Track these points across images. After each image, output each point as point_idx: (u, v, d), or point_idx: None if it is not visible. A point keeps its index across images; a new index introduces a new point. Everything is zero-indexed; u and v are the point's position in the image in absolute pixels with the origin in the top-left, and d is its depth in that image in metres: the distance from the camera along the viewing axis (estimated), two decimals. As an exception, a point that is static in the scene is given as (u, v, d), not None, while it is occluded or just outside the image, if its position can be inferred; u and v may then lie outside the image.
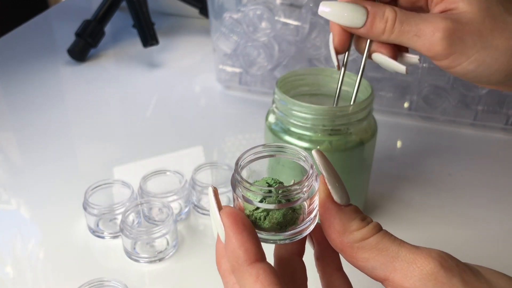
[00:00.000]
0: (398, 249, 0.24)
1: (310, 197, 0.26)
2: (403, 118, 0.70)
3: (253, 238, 0.25)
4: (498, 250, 0.48)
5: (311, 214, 0.27)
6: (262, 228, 0.26)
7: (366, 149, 0.45)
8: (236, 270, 0.24)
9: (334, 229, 0.26)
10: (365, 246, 0.25)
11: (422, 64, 0.64)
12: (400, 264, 0.24)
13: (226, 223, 0.25)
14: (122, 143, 0.66)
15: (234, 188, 0.26)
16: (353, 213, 0.26)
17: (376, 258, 0.24)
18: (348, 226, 0.26)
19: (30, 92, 0.77)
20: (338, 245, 0.26)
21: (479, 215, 0.52)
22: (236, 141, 0.65)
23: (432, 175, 0.58)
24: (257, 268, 0.24)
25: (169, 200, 0.49)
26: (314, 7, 0.65)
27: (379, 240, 0.25)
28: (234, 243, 0.24)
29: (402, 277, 0.24)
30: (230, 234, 0.25)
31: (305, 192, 0.26)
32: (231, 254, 0.25)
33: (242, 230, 0.25)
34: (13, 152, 0.64)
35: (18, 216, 0.52)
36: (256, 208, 0.26)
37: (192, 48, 0.93)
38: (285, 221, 0.26)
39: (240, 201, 0.26)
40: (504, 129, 0.66)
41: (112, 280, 0.41)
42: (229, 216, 0.25)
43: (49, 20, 1.08)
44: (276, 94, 0.45)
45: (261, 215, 0.26)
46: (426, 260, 0.23)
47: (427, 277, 0.23)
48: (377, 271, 0.24)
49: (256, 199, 0.26)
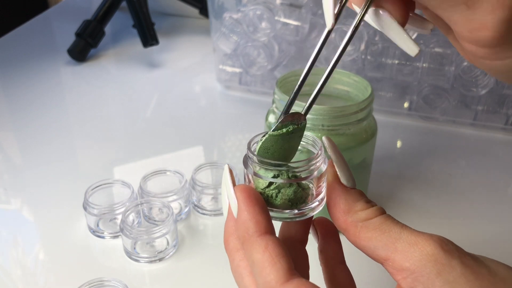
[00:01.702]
0: (401, 231, 0.25)
1: (318, 176, 0.27)
2: (403, 118, 0.70)
3: (264, 212, 0.26)
4: (498, 250, 0.48)
5: (318, 196, 0.28)
6: (273, 205, 0.28)
7: (366, 149, 0.45)
8: (246, 241, 0.25)
9: (340, 208, 0.27)
10: (369, 225, 0.26)
11: (422, 64, 0.64)
12: (401, 245, 0.24)
13: (239, 197, 0.26)
14: (122, 143, 0.66)
15: (246, 166, 0.28)
16: (358, 195, 0.27)
17: (379, 238, 0.25)
18: (353, 206, 0.27)
19: (30, 92, 0.77)
20: (342, 224, 0.27)
21: (479, 215, 0.52)
22: (236, 141, 0.65)
23: (432, 175, 0.58)
24: (266, 239, 0.25)
25: (169, 200, 0.49)
26: (314, 7, 0.65)
27: (383, 222, 0.26)
28: (246, 215, 0.26)
29: (403, 257, 0.24)
30: (242, 207, 0.26)
31: (314, 170, 0.27)
32: (242, 226, 0.26)
33: (254, 203, 0.26)
34: (13, 152, 0.64)
35: (18, 216, 0.52)
36: (267, 186, 0.27)
37: (192, 48, 0.94)
38: (295, 198, 0.27)
39: (251, 177, 0.28)
40: (504, 129, 0.66)
41: (112, 280, 0.41)
42: (242, 190, 0.26)
43: (49, 20, 1.08)
44: (276, 94, 0.45)
45: (273, 193, 0.27)
46: (427, 242, 0.24)
47: (427, 258, 0.23)
48: (379, 250, 0.25)
49: (268, 175, 0.27)
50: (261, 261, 0.24)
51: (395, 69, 0.66)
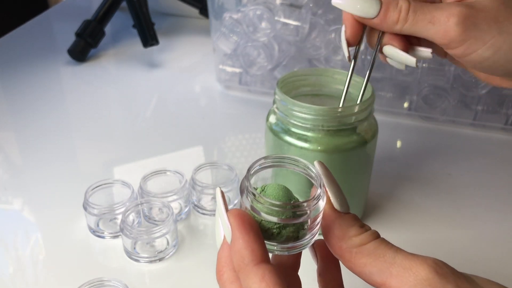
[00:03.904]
0: (395, 255, 0.25)
1: (317, 214, 0.27)
2: (403, 118, 0.70)
3: (259, 240, 0.25)
4: (499, 250, 0.48)
5: (314, 228, 0.27)
6: (273, 240, 0.27)
7: (367, 150, 0.45)
8: (242, 270, 0.25)
9: (334, 234, 0.27)
10: (363, 251, 0.25)
11: (422, 64, 0.64)
12: (396, 270, 0.24)
13: (233, 223, 0.25)
14: (122, 143, 0.66)
15: (242, 195, 0.27)
16: (352, 220, 0.27)
17: (373, 263, 0.25)
18: (347, 232, 0.26)
19: (30, 92, 0.77)
20: (337, 250, 0.27)
21: (479, 215, 0.52)
22: (236, 141, 0.65)
23: (432, 175, 0.58)
24: (263, 268, 0.24)
25: (169, 200, 0.49)
26: (314, 7, 0.65)
27: (377, 246, 0.25)
28: (241, 243, 0.25)
29: (398, 282, 0.24)
30: (237, 234, 0.25)
31: (313, 208, 0.26)
32: (237, 254, 0.25)
33: (249, 231, 0.25)
34: (14, 152, 0.64)
35: (18, 216, 0.52)
36: (266, 221, 0.26)
37: (192, 48, 0.94)
38: (296, 234, 0.27)
39: (248, 208, 0.26)
40: (504, 129, 0.66)
41: (112, 280, 0.41)
42: (236, 217, 0.25)
43: (49, 20, 1.08)
44: (276, 95, 0.45)
45: (274, 231, 0.26)
46: (422, 266, 0.24)
47: (422, 283, 0.23)
48: (374, 276, 0.25)
49: (266, 212, 0.26)
50: None
51: (395, 69, 0.66)
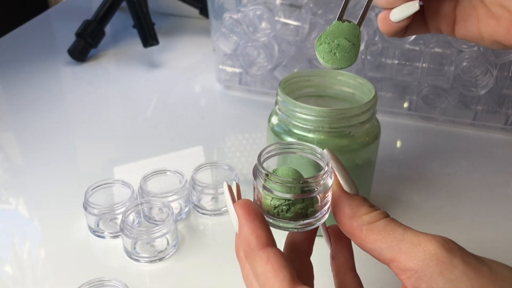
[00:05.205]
0: (404, 232, 0.26)
1: (325, 190, 0.29)
2: (402, 118, 0.70)
3: (264, 226, 0.27)
4: (499, 250, 0.48)
5: (324, 206, 0.29)
6: (283, 218, 0.29)
7: (369, 151, 0.45)
8: (249, 254, 0.26)
9: (345, 213, 0.28)
10: (373, 228, 0.27)
11: (422, 64, 0.64)
12: (405, 246, 0.25)
13: (239, 213, 0.27)
14: (122, 143, 0.66)
15: (255, 178, 0.29)
16: (361, 200, 0.28)
17: (384, 240, 0.26)
18: (357, 211, 0.28)
19: (30, 92, 0.77)
20: (348, 228, 0.28)
21: (479, 215, 0.52)
22: (236, 141, 0.65)
23: (432, 175, 0.58)
24: (268, 251, 0.26)
25: (169, 200, 0.49)
26: (314, 7, 0.65)
27: (386, 224, 0.27)
28: (247, 230, 0.27)
29: (407, 258, 0.25)
30: (242, 222, 0.27)
31: (323, 184, 0.28)
32: (243, 241, 0.27)
33: (253, 218, 0.27)
34: (14, 152, 0.64)
35: (18, 216, 0.52)
36: (277, 198, 0.28)
37: (192, 48, 0.94)
38: (306, 211, 0.29)
39: (261, 190, 0.29)
40: (504, 129, 0.66)
41: (112, 280, 0.41)
42: (242, 206, 0.27)
43: (49, 20, 1.08)
44: (279, 96, 0.44)
45: (284, 207, 0.28)
46: (430, 242, 0.25)
47: (430, 257, 0.24)
48: (384, 252, 0.26)
49: (277, 190, 0.28)
50: (264, 273, 0.25)
51: (395, 69, 0.66)
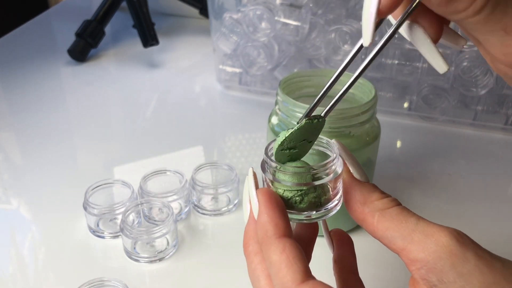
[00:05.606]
0: (417, 221, 0.26)
1: (335, 177, 0.29)
2: (403, 118, 0.70)
3: (284, 216, 0.27)
4: (499, 250, 0.48)
5: (336, 195, 0.29)
6: (296, 209, 0.29)
7: (369, 151, 0.45)
8: (265, 242, 0.26)
9: (356, 200, 0.28)
10: (386, 215, 0.26)
11: (422, 64, 0.64)
12: (418, 236, 0.25)
13: (261, 199, 0.27)
14: (122, 143, 0.66)
15: (264, 171, 0.29)
16: (373, 187, 0.28)
17: (396, 228, 0.26)
18: (369, 197, 0.27)
19: (30, 92, 0.77)
20: (359, 215, 0.28)
21: (479, 215, 0.52)
22: (236, 141, 0.65)
23: (432, 175, 0.58)
24: (284, 241, 0.26)
25: (169, 200, 0.49)
26: (314, 7, 0.65)
27: (399, 212, 0.26)
28: (266, 217, 0.27)
29: (419, 248, 0.24)
30: (262, 209, 0.27)
31: (333, 172, 0.28)
32: (261, 228, 0.27)
33: (274, 207, 0.27)
34: (14, 152, 0.64)
35: (18, 216, 0.52)
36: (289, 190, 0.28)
37: (192, 48, 0.94)
38: (319, 200, 0.29)
39: (269, 182, 0.29)
40: (504, 129, 0.66)
41: (112, 280, 0.41)
42: (264, 194, 0.27)
43: (49, 20, 1.08)
44: (279, 96, 0.44)
45: (297, 198, 0.28)
46: (443, 233, 0.24)
47: (442, 249, 0.24)
48: (396, 240, 0.25)
49: (289, 181, 0.28)
50: (278, 262, 0.25)
51: (395, 69, 0.66)
